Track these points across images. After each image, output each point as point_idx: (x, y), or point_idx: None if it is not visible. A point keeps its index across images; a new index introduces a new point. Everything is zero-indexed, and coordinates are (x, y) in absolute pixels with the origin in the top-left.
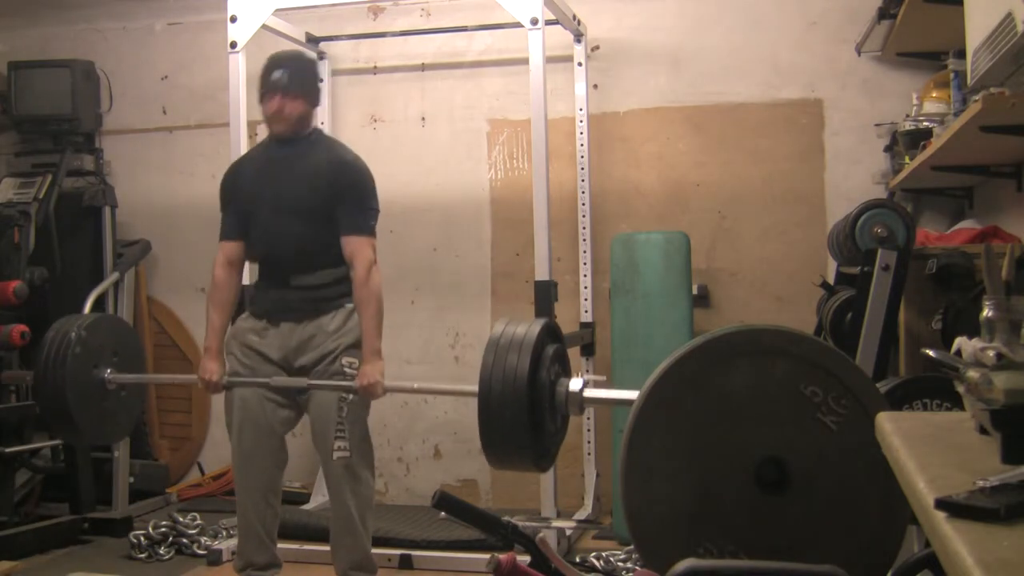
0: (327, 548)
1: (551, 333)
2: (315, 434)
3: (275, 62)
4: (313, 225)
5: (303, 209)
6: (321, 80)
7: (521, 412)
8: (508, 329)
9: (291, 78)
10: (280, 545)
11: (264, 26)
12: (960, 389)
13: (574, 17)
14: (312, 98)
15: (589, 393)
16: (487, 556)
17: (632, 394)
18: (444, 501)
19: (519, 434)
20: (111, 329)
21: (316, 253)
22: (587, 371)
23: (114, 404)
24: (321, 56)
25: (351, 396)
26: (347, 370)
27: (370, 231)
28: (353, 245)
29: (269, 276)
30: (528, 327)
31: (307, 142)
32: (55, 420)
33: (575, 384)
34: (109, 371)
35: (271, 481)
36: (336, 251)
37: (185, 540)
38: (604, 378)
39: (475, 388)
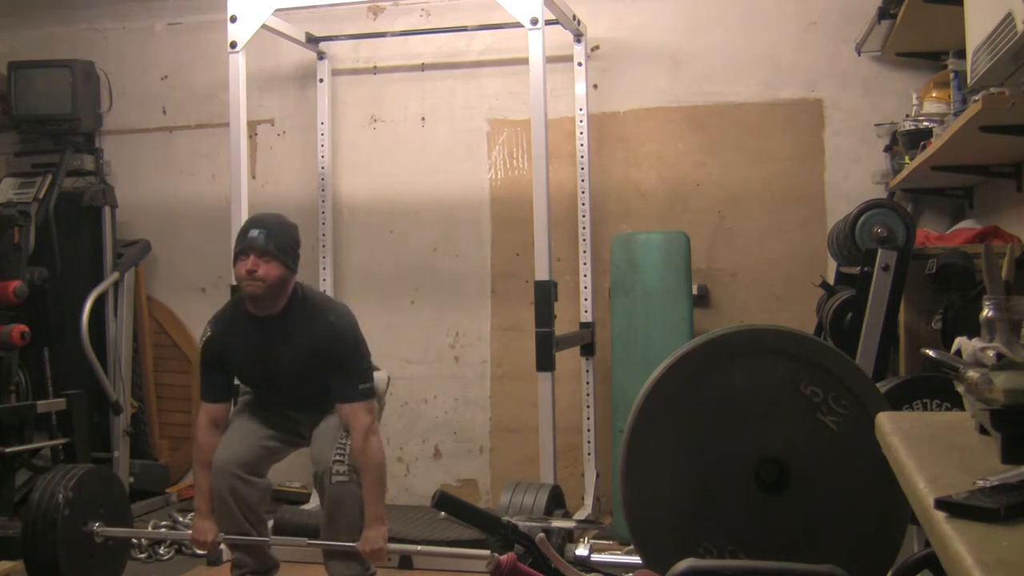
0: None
1: (555, 499)
2: (314, 456)
3: (254, 221)
4: (314, 394)
5: (301, 386)
6: (299, 246)
7: None
8: (516, 497)
9: (268, 238)
10: (280, 545)
11: (264, 26)
12: (960, 389)
13: (574, 17)
14: (290, 264)
15: (597, 558)
16: (487, 556)
17: (636, 559)
18: (444, 501)
19: None
20: (97, 482)
21: (322, 403)
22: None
23: (101, 556)
24: (321, 56)
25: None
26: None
27: (363, 395)
28: (346, 413)
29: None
30: (536, 494)
31: (286, 317)
32: None
33: (582, 550)
34: (97, 525)
35: (257, 500)
36: None
37: (185, 540)
38: (611, 542)
39: (484, 552)
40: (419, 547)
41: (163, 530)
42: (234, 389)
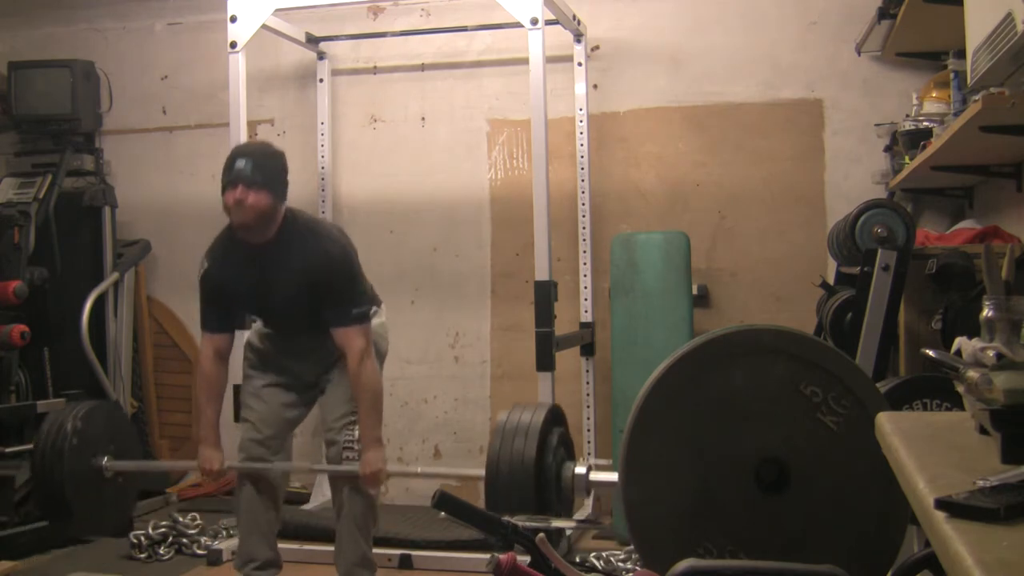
0: (327, 548)
1: (556, 418)
2: (326, 431)
3: (240, 151)
4: (310, 323)
5: (298, 310)
6: (287, 173)
7: (528, 496)
8: (514, 415)
9: (255, 168)
10: (280, 545)
11: (264, 26)
12: (960, 389)
13: (574, 17)
14: (278, 192)
15: (596, 476)
16: (487, 556)
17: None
18: (444, 501)
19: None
20: (106, 416)
21: (322, 334)
22: (589, 455)
23: (111, 492)
24: (321, 56)
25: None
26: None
27: (357, 319)
28: (340, 337)
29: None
30: (534, 413)
31: (278, 244)
32: (54, 513)
33: (581, 468)
34: (106, 459)
35: (277, 483)
36: None
37: (185, 540)
38: (608, 461)
39: (482, 472)
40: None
41: (172, 463)
42: (238, 320)
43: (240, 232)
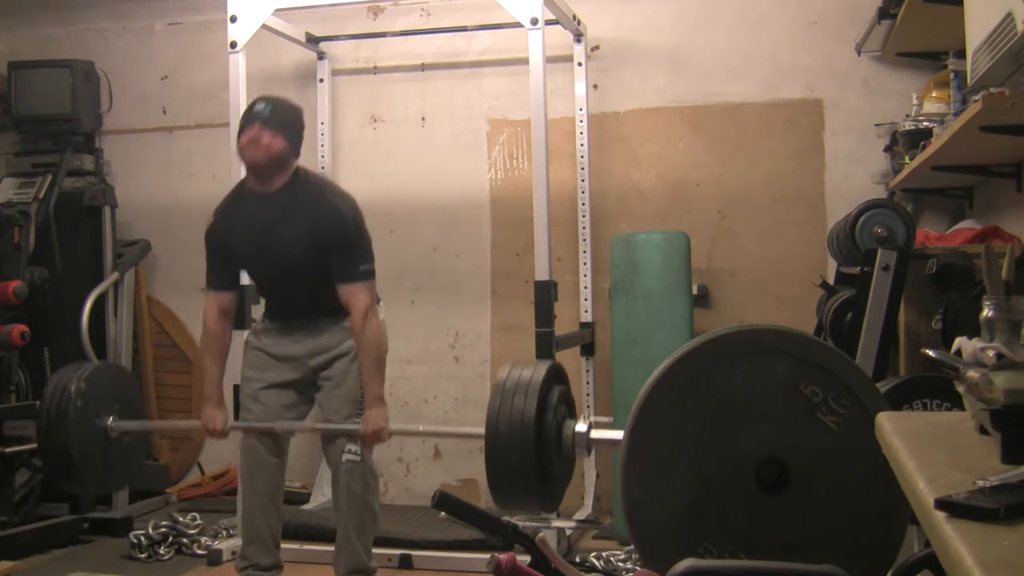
0: (327, 548)
1: (556, 376)
2: (325, 437)
3: (260, 97)
4: (309, 279)
5: (296, 267)
6: (303, 129)
7: (528, 455)
8: (514, 372)
9: (274, 112)
10: (280, 545)
11: (264, 26)
12: (960, 389)
13: (574, 17)
14: (293, 142)
15: (596, 434)
16: (487, 556)
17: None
18: (444, 501)
19: (527, 477)
20: (111, 377)
21: (318, 302)
22: (589, 410)
23: (117, 452)
24: (321, 56)
25: (359, 458)
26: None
27: (363, 276)
28: (346, 293)
29: (275, 313)
30: (534, 370)
31: (287, 195)
32: (60, 474)
33: (581, 426)
34: (112, 419)
35: (278, 484)
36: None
37: (185, 540)
38: (609, 419)
39: (482, 430)
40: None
41: (177, 422)
42: (238, 278)
43: (252, 174)
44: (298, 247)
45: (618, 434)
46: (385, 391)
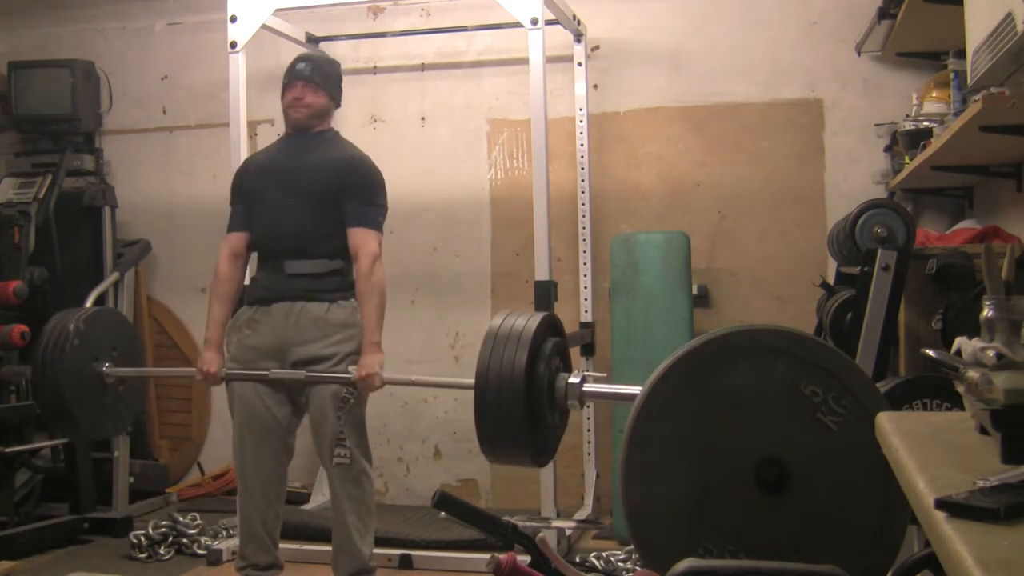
0: (327, 548)
1: (552, 326)
2: (316, 439)
3: (300, 56)
4: (316, 211)
5: (308, 194)
6: (341, 80)
7: (518, 404)
8: (507, 321)
9: (314, 70)
10: (280, 545)
11: (264, 26)
12: (960, 389)
13: (574, 17)
14: (334, 95)
15: (589, 387)
16: (487, 556)
17: (633, 389)
18: (444, 501)
19: (516, 427)
20: (110, 323)
21: (314, 239)
22: (587, 369)
23: (113, 398)
24: None
25: (352, 400)
26: (353, 367)
27: (376, 225)
28: (358, 237)
29: (265, 262)
30: (528, 319)
31: (322, 138)
32: (53, 413)
33: (575, 377)
34: (107, 365)
35: (273, 481)
36: (335, 244)
37: (185, 540)
38: (605, 374)
39: (472, 381)
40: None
41: (173, 369)
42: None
43: (291, 128)
44: (319, 180)
45: (612, 387)
46: (386, 391)
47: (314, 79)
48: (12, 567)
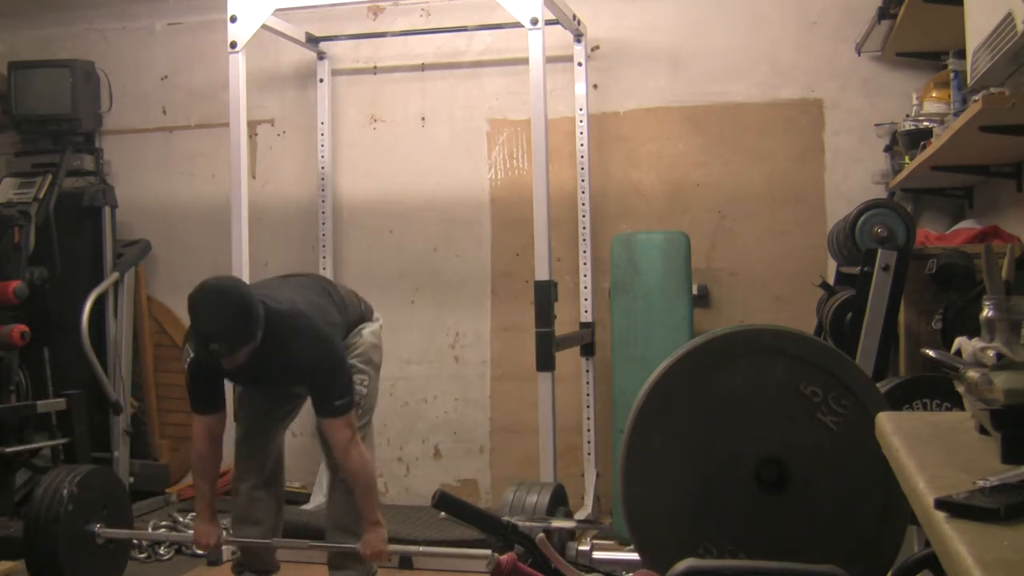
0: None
1: (558, 499)
2: (321, 433)
3: (205, 335)
4: (289, 389)
5: (284, 392)
6: (253, 308)
7: None
8: (519, 496)
9: (230, 347)
10: (283, 547)
11: (264, 26)
12: (960, 389)
13: (574, 17)
14: (254, 331)
15: (599, 555)
16: (487, 556)
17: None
18: (444, 501)
19: None
20: (101, 481)
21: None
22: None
23: (101, 557)
24: (321, 56)
25: (365, 393)
26: (358, 387)
27: (340, 411)
28: (326, 428)
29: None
30: (539, 494)
31: (267, 351)
32: (44, 573)
33: (584, 546)
34: (99, 526)
35: (271, 478)
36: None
37: (187, 541)
38: (611, 541)
39: (485, 552)
40: (420, 547)
41: (163, 531)
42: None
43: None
44: (282, 383)
45: (618, 555)
46: (385, 391)
47: (233, 350)
48: (12, 567)
